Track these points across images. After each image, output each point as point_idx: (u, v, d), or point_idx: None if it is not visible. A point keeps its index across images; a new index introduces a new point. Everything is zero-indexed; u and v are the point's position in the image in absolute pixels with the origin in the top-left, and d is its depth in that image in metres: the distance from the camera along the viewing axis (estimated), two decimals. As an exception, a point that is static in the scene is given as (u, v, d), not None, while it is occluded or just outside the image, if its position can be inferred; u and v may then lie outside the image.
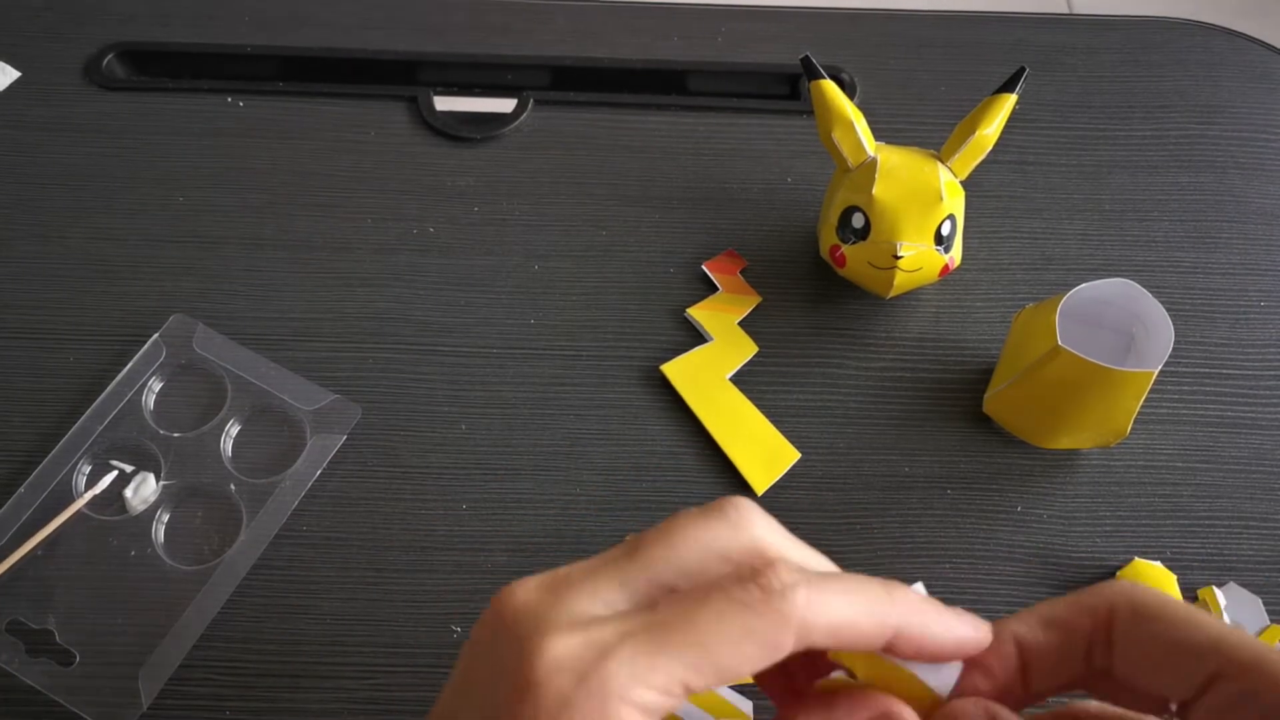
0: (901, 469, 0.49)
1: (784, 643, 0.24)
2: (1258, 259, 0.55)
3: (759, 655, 0.24)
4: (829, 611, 0.25)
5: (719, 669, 0.24)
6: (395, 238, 0.55)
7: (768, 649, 0.24)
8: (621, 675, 0.23)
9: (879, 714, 0.27)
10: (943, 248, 0.49)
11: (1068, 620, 0.27)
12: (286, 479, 0.47)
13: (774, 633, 0.24)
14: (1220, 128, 0.60)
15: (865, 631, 0.25)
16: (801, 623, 0.24)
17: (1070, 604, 0.27)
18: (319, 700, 0.43)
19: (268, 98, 0.61)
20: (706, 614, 0.24)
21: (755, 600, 0.24)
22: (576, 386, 0.51)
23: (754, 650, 0.24)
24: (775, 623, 0.24)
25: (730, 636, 0.24)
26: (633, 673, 0.23)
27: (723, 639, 0.24)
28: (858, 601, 0.25)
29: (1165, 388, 0.51)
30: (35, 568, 0.45)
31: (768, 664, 0.24)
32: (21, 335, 0.52)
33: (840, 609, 0.25)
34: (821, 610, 0.25)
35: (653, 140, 0.59)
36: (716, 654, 0.24)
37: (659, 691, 0.24)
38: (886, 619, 0.26)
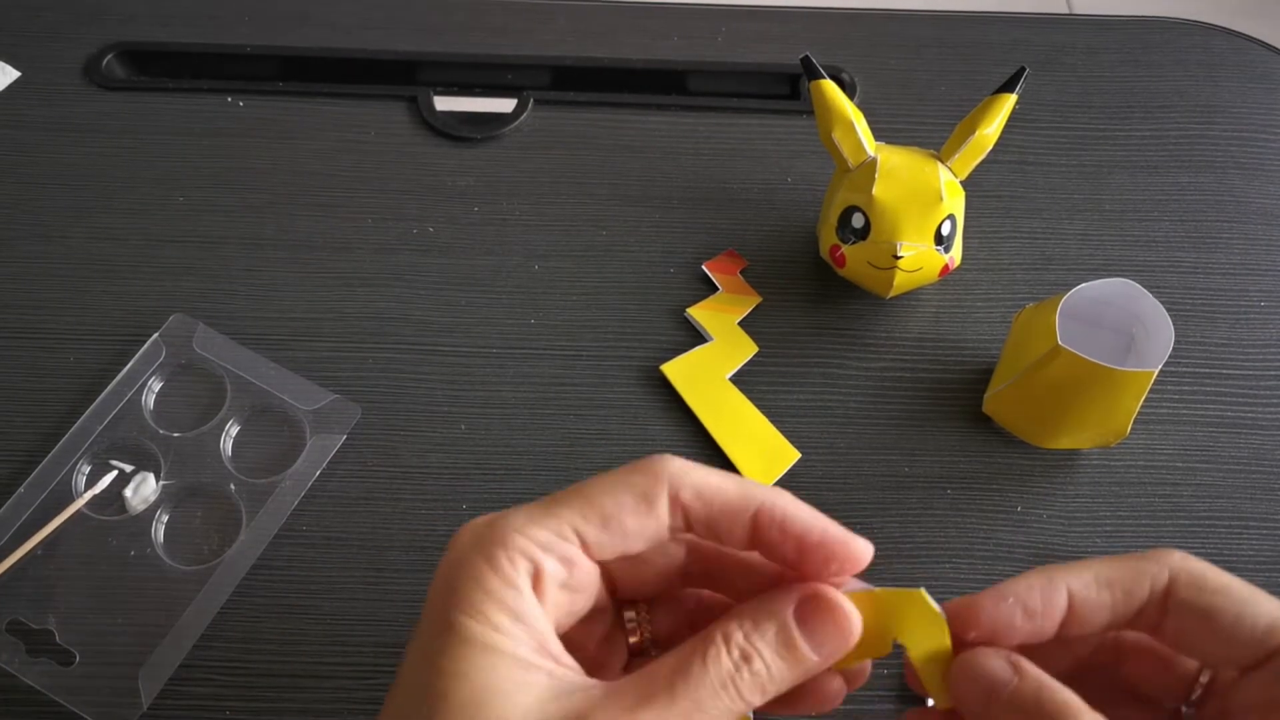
0: (901, 469, 0.49)
1: (656, 493, 0.28)
2: (1258, 259, 0.55)
3: (636, 505, 0.28)
4: (699, 476, 0.28)
5: (603, 516, 0.28)
6: (395, 238, 0.55)
7: (643, 499, 0.28)
8: (517, 518, 0.28)
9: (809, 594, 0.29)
10: (943, 248, 0.49)
11: (1126, 583, 0.28)
12: (286, 479, 0.47)
13: (645, 483, 0.28)
14: (1220, 128, 0.60)
15: (730, 498, 0.28)
16: (671, 477, 0.28)
17: (1130, 567, 0.28)
18: (319, 700, 0.43)
19: (268, 98, 0.61)
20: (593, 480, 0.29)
21: (634, 466, 0.29)
22: (576, 386, 0.51)
23: (630, 499, 0.28)
24: (647, 476, 0.28)
25: (608, 488, 0.28)
26: (529, 516, 0.28)
27: (603, 490, 0.28)
28: (728, 478, 0.29)
29: (1165, 388, 0.51)
30: (35, 568, 0.45)
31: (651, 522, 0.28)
32: (21, 335, 0.52)
33: (709, 476, 0.29)
34: (692, 474, 0.28)
35: (653, 140, 0.59)
36: (599, 502, 0.28)
37: (551, 531, 0.28)
38: (752, 492, 0.29)
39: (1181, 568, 0.28)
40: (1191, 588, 0.28)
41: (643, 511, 0.28)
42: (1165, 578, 0.28)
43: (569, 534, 0.28)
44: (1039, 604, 0.28)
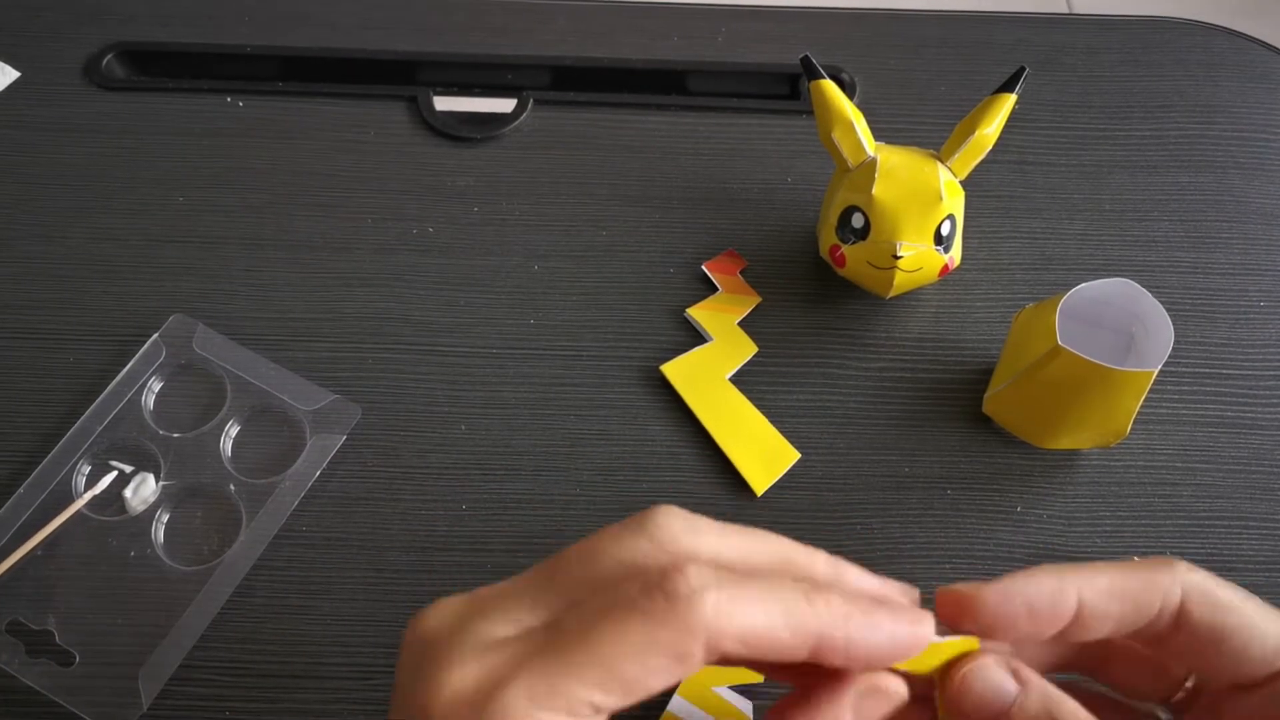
0: (901, 469, 0.49)
1: (692, 653, 0.23)
2: (1258, 259, 0.55)
3: (667, 667, 0.23)
4: (741, 620, 0.23)
5: (625, 684, 0.23)
6: (395, 238, 0.55)
7: (675, 661, 0.23)
8: (519, 703, 0.22)
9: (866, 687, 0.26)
10: (942, 248, 0.49)
11: (1137, 596, 0.27)
12: (286, 479, 0.47)
13: (680, 643, 0.23)
14: (1220, 128, 0.60)
15: (782, 640, 0.24)
16: (710, 631, 0.23)
17: (1143, 579, 0.27)
18: (319, 700, 0.43)
19: (268, 98, 0.61)
20: (607, 627, 0.23)
21: (659, 609, 0.23)
22: (576, 386, 0.51)
23: (660, 663, 0.23)
24: (680, 632, 0.23)
25: (633, 650, 0.23)
26: (531, 698, 0.23)
27: (625, 653, 0.23)
28: (774, 609, 0.24)
29: (1165, 388, 0.51)
30: (35, 568, 0.45)
31: (682, 675, 0.23)
32: (21, 335, 0.52)
33: (753, 617, 0.24)
34: (732, 618, 0.23)
35: (653, 140, 0.59)
36: (620, 669, 0.23)
37: (564, 714, 0.23)
38: (805, 627, 0.24)
39: (1194, 584, 0.27)
40: (1204, 605, 0.27)
41: (674, 673, 0.23)
42: (1177, 594, 0.27)
43: (583, 709, 0.23)
44: (1046, 608, 0.27)
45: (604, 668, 0.23)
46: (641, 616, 0.23)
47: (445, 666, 0.23)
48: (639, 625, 0.23)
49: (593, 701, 0.23)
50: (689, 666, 0.23)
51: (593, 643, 0.23)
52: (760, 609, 0.24)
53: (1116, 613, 0.27)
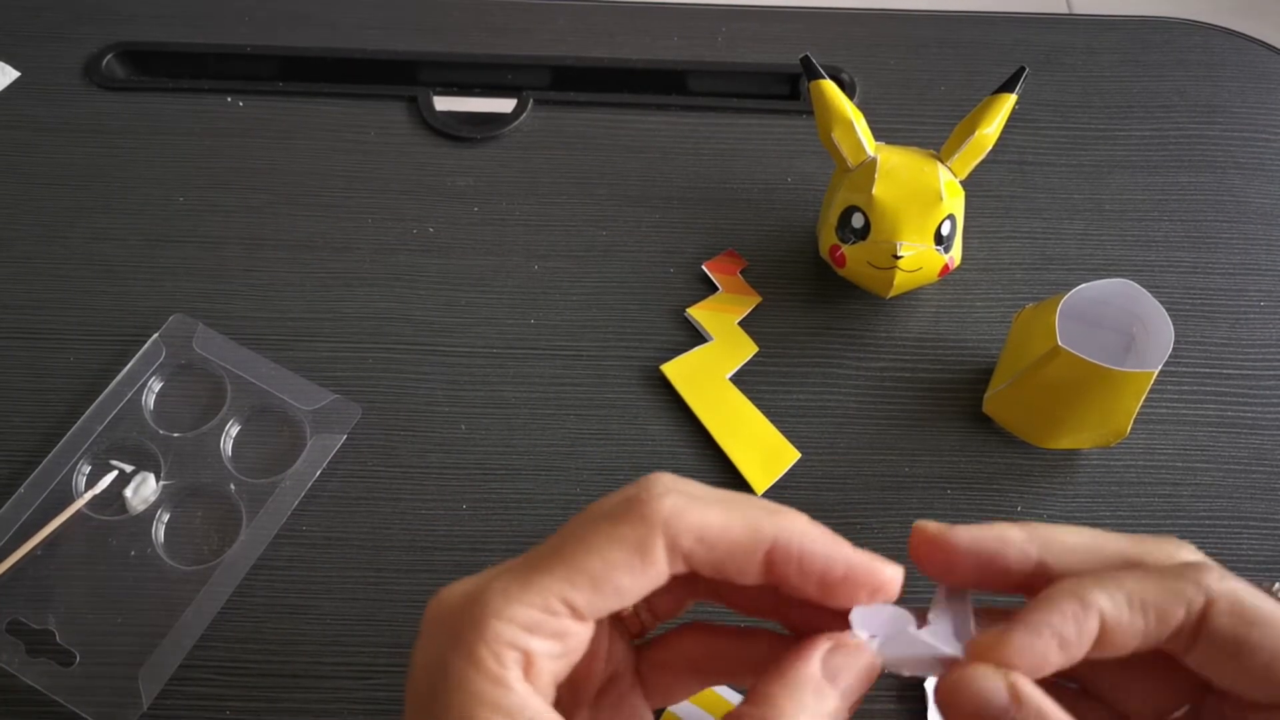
0: (901, 469, 0.49)
1: (650, 545, 0.25)
2: (1258, 259, 0.55)
3: (630, 561, 0.25)
4: (697, 516, 0.25)
5: (593, 579, 0.25)
6: (395, 238, 0.55)
7: (637, 553, 0.25)
8: (495, 599, 0.25)
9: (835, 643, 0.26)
10: (943, 248, 0.49)
11: (1161, 606, 0.26)
12: (286, 479, 0.47)
13: (638, 534, 0.25)
14: (1220, 128, 0.60)
15: (737, 538, 0.25)
16: (667, 525, 0.25)
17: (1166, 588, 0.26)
18: (319, 700, 0.43)
19: (268, 98, 0.61)
20: (574, 535, 0.25)
21: (620, 511, 0.25)
22: (576, 386, 0.51)
23: (623, 555, 0.25)
24: (639, 526, 0.25)
25: (596, 545, 0.25)
26: (507, 595, 0.25)
27: (589, 549, 0.25)
28: (732, 511, 0.26)
29: (1165, 388, 0.51)
30: (35, 568, 0.45)
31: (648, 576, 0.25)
32: (21, 335, 0.52)
33: (710, 515, 0.25)
34: (689, 515, 0.25)
35: (653, 140, 0.59)
36: (586, 564, 0.25)
37: (537, 609, 0.25)
38: (760, 527, 0.26)
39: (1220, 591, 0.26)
40: (1231, 615, 0.25)
41: (637, 568, 0.25)
42: (1201, 602, 0.26)
43: (556, 606, 0.25)
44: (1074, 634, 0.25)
45: (570, 564, 0.25)
46: (605, 520, 0.25)
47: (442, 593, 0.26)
48: (604, 527, 0.25)
49: (565, 597, 0.25)
50: (651, 561, 0.25)
51: (561, 548, 0.25)
52: (718, 512, 0.26)
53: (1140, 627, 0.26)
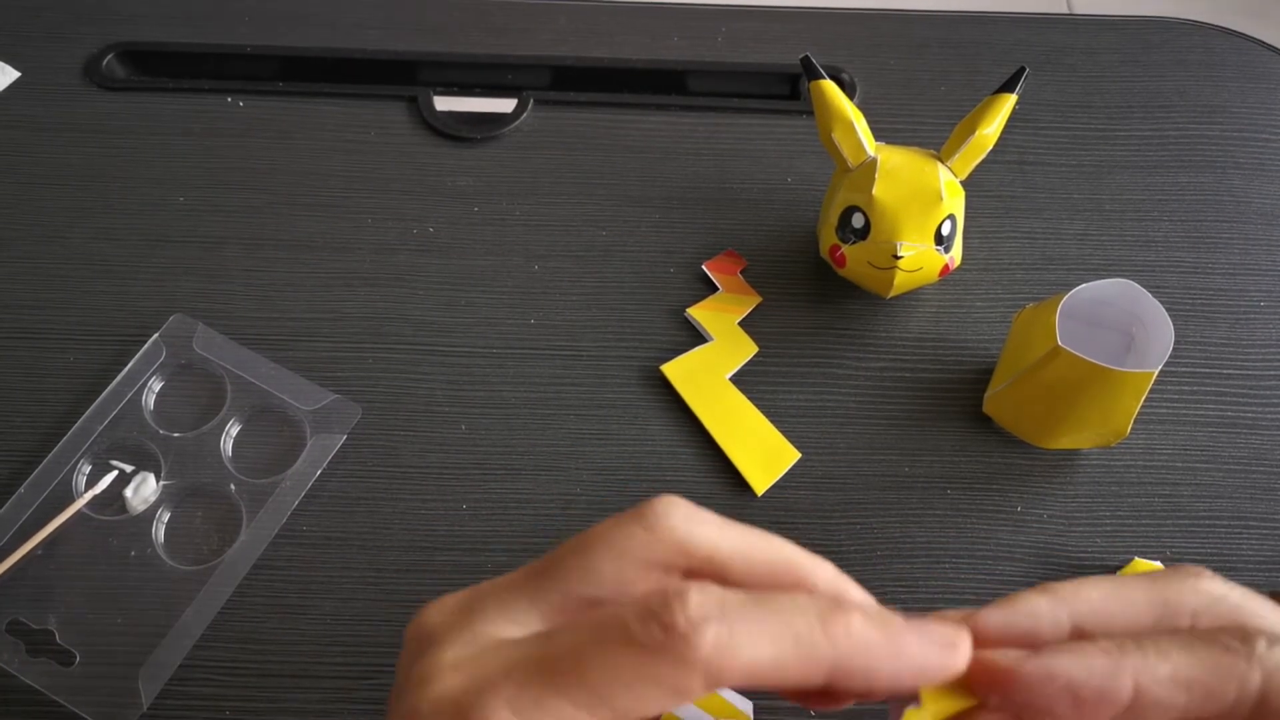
0: (901, 469, 0.49)
1: (689, 687, 0.22)
2: (1258, 259, 0.55)
3: (661, 700, 0.22)
4: (744, 653, 0.22)
5: (615, 711, 0.22)
6: (395, 238, 0.55)
7: (670, 693, 0.22)
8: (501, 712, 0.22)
9: None
10: (943, 248, 0.49)
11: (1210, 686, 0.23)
12: (286, 479, 0.47)
13: (677, 678, 0.21)
14: (1220, 128, 0.60)
15: (792, 674, 0.22)
16: (709, 666, 0.21)
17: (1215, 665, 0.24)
18: (319, 700, 0.43)
19: (268, 98, 0.61)
20: (599, 653, 0.22)
21: (655, 642, 0.22)
22: (576, 386, 0.51)
23: (654, 694, 0.22)
24: (677, 667, 0.21)
25: (625, 679, 0.22)
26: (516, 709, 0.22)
27: (616, 681, 0.22)
28: (783, 638, 0.22)
29: (1165, 388, 0.51)
30: (35, 568, 0.45)
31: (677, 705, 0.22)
32: (21, 335, 0.52)
33: (758, 649, 0.22)
34: (736, 654, 0.22)
35: (653, 140, 0.59)
36: (610, 697, 0.21)
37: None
38: (817, 656, 0.22)
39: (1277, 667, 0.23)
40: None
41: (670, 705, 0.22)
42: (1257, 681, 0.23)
43: None
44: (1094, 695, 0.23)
45: (595, 694, 0.22)
46: (636, 649, 0.22)
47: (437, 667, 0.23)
48: (634, 658, 0.22)
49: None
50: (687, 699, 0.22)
51: (584, 667, 0.22)
52: (767, 640, 0.22)
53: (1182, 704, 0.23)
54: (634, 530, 0.24)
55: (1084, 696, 0.23)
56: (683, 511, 0.25)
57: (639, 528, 0.24)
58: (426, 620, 0.25)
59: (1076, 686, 0.23)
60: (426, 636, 0.24)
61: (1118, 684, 0.23)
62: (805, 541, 0.28)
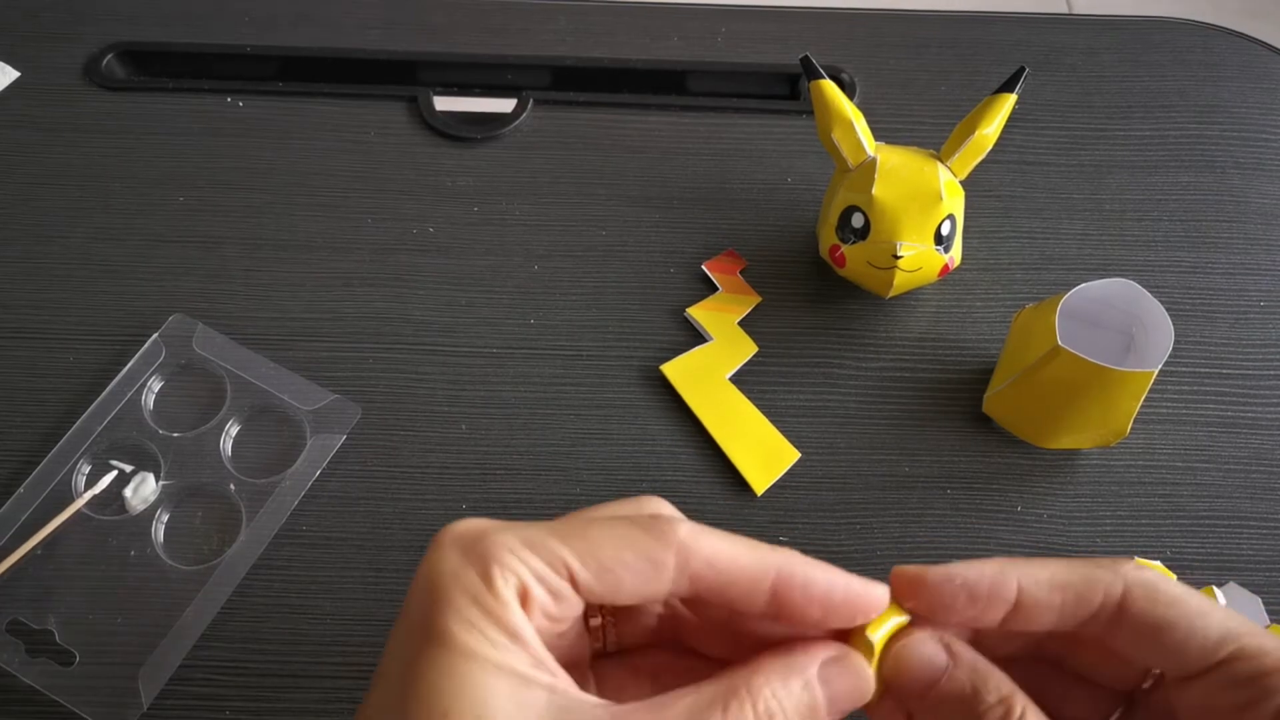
0: (901, 469, 0.49)
1: (664, 560, 0.27)
2: (1258, 259, 0.55)
3: (640, 566, 0.26)
4: (709, 543, 0.27)
5: (600, 565, 0.26)
6: (395, 238, 0.55)
7: (649, 562, 0.26)
8: (510, 538, 0.26)
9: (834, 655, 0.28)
10: (942, 248, 0.49)
11: (1079, 589, 0.28)
12: (286, 479, 0.47)
13: (655, 548, 0.27)
14: (1220, 128, 0.60)
15: (745, 566, 0.27)
16: (681, 545, 0.27)
17: (1085, 574, 0.28)
18: (319, 700, 0.43)
19: (268, 98, 0.61)
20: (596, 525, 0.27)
21: (641, 520, 0.27)
22: (576, 386, 0.51)
23: (635, 558, 0.26)
24: (657, 539, 0.27)
25: (613, 540, 0.27)
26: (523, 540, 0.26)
27: (606, 539, 0.27)
28: (740, 542, 0.28)
29: (1165, 388, 0.51)
30: (35, 568, 0.45)
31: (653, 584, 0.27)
32: (21, 335, 0.52)
33: (720, 543, 0.27)
34: (701, 540, 0.27)
35: (653, 140, 0.59)
36: (600, 550, 0.26)
37: (544, 561, 0.26)
38: (766, 560, 0.27)
39: (1136, 579, 0.28)
40: (1146, 600, 0.28)
41: (644, 575, 0.27)
42: (1119, 588, 0.28)
43: (561, 569, 0.26)
44: (985, 592, 0.28)
45: (585, 541, 0.26)
46: (627, 524, 0.27)
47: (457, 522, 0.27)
48: (624, 528, 0.27)
49: (570, 566, 0.26)
50: (661, 576, 0.27)
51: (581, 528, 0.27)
52: (727, 543, 0.27)
53: (1058, 604, 0.28)
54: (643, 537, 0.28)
55: (978, 594, 0.28)
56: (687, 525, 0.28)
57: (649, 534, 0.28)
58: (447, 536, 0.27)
59: (971, 585, 0.28)
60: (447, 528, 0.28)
61: (1005, 582, 0.28)
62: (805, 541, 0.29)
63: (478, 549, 0.26)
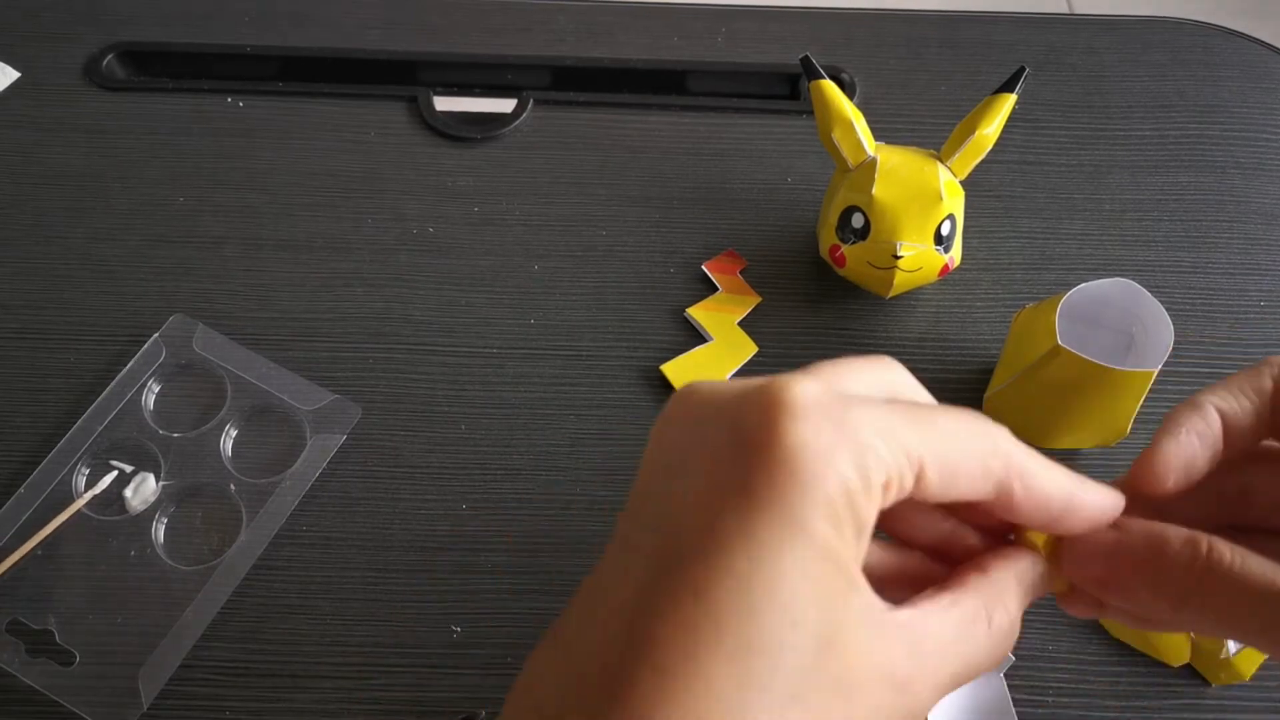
0: (901, 469, 0.49)
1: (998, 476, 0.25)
2: (1258, 259, 0.55)
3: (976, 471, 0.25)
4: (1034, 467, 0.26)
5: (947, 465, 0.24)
6: (395, 238, 0.55)
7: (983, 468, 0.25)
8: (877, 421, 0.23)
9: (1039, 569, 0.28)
10: (942, 248, 0.49)
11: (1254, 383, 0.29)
12: (286, 479, 0.47)
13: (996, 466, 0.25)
14: (1220, 128, 0.60)
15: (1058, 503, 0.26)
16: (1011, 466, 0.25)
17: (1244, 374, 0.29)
18: (319, 700, 0.43)
19: (268, 98, 0.61)
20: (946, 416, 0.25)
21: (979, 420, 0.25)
22: (576, 386, 0.51)
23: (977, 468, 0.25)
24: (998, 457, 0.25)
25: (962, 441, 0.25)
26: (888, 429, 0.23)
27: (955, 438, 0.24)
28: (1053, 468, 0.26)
29: (1165, 388, 0.51)
30: (35, 568, 0.45)
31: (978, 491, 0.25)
32: (21, 335, 0.52)
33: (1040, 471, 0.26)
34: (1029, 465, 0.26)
35: (653, 140, 0.59)
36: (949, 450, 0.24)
37: (905, 454, 0.23)
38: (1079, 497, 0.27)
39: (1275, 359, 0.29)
40: None
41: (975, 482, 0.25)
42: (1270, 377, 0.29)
43: (916, 466, 0.24)
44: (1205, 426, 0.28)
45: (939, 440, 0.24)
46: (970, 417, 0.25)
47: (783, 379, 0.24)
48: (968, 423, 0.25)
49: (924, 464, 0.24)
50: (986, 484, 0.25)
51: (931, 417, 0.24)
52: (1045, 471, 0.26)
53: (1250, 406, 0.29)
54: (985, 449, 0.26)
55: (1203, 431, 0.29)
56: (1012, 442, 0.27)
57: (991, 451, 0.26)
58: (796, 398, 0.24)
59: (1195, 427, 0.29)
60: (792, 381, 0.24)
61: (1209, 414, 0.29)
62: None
63: (849, 426, 0.23)
